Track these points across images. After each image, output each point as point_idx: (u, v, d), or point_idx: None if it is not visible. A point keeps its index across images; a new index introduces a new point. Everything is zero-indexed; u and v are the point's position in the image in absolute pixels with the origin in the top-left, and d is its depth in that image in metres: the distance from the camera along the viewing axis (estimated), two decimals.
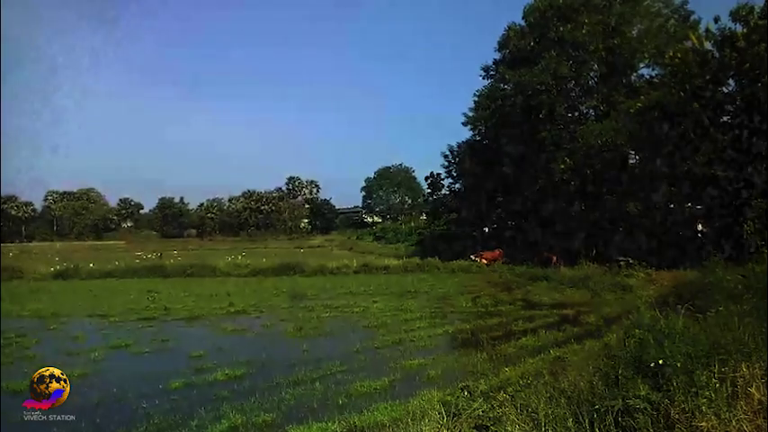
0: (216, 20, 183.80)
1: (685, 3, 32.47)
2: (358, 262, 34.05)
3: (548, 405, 5.02)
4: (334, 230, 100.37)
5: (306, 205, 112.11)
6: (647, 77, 32.70)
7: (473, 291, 22.59)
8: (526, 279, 25.86)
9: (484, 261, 32.93)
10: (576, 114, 35.21)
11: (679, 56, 27.15)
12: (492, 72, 39.13)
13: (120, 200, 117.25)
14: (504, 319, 15.73)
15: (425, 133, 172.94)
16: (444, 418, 5.15)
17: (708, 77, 25.74)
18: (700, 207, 27.90)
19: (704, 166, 25.10)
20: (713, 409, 4.61)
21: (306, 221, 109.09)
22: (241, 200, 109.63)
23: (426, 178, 62.07)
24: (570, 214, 31.93)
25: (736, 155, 24.75)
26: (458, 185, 46.63)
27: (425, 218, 67.80)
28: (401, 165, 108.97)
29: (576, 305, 18.26)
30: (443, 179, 52.17)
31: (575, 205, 32.03)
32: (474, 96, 41.86)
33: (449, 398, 5.63)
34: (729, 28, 25.50)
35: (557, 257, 30.12)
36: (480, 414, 4.97)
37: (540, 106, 32.56)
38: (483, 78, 40.21)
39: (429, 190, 61.30)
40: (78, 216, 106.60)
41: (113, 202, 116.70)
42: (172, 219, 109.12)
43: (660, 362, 4.90)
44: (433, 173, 59.43)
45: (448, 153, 46.17)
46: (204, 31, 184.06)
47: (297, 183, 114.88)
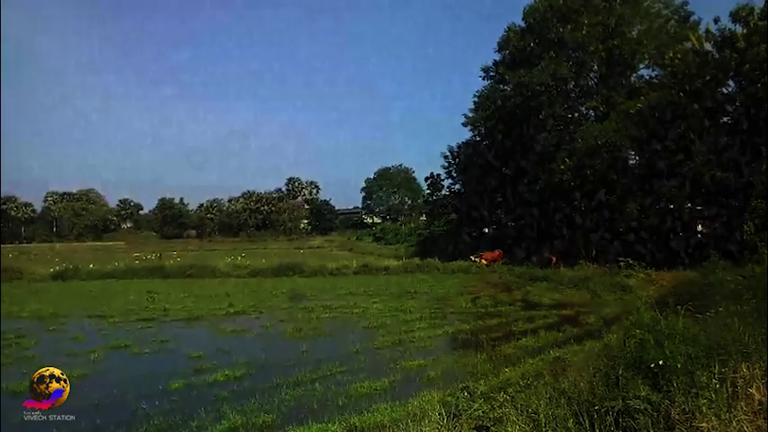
0: (216, 20, 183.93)
1: (685, 3, 32.54)
2: (358, 263, 34.03)
3: (548, 406, 5.02)
4: (333, 231, 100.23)
5: (305, 206, 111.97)
6: (646, 78, 32.77)
7: (473, 291, 22.59)
8: (526, 280, 25.85)
9: (484, 262, 32.91)
10: (576, 115, 35.20)
11: (679, 57, 27.20)
12: (492, 73, 39.10)
13: (120, 201, 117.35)
14: (504, 320, 15.74)
15: (425, 134, 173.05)
16: (444, 418, 5.15)
17: (708, 78, 25.78)
18: (700, 207, 27.92)
19: (704, 166, 25.12)
20: (713, 409, 4.61)
21: (305, 222, 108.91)
22: (241, 200, 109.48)
23: (426, 179, 61.88)
24: (570, 215, 31.91)
25: (735, 155, 24.78)
26: (457, 186, 46.54)
27: (425, 218, 67.63)
28: (401, 165, 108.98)
29: (576, 306, 18.28)
30: (443, 180, 51.93)
31: (574, 206, 32.01)
32: (474, 97, 41.79)
33: (449, 398, 5.64)
34: (729, 29, 25.58)
35: (556, 258, 30.12)
36: (480, 415, 4.97)
37: (540, 107, 32.55)
38: (483, 79, 40.21)
39: (429, 191, 61.03)
40: (78, 217, 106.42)
41: (113, 202, 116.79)
42: (171, 219, 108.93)
43: (660, 362, 4.89)
44: (432, 173, 59.21)
45: (448, 154, 46.02)
46: (204, 31, 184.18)
47: (296, 183, 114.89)
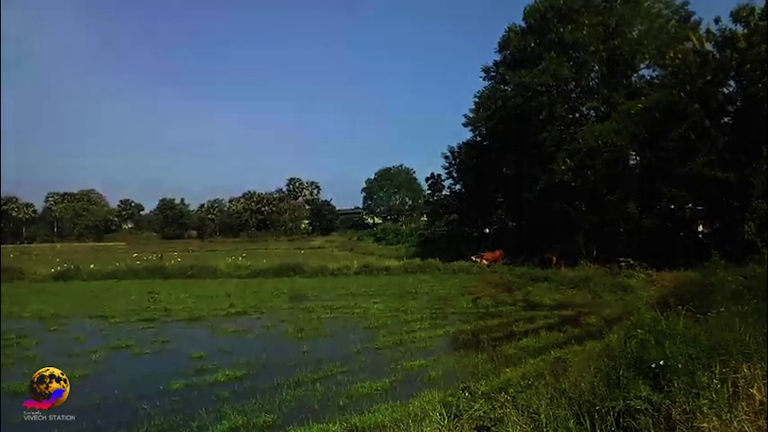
0: (216, 20, 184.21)
1: (686, 4, 32.51)
2: (358, 263, 34.04)
3: (549, 406, 5.02)
4: (334, 231, 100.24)
5: (306, 206, 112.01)
6: (647, 78, 32.74)
7: (474, 291, 22.59)
8: (527, 280, 25.83)
9: (484, 262, 32.91)
10: (577, 115, 35.18)
11: (679, 57, 27.17)
12: (492, 73, 39.16)
13: (121, 201, 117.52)
14: (505, 320, 15.74)
15: (426, 134, 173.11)
16: (445, 418, 5.15)
17: (708, 78, 25.76)
18: (700, 208, 27.90)
19: (705, 166, 25.11)
20: (714, 409, 4.61)
21: (306, 222, 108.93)
22: (241, 201, 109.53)
23: (427, 179, 62.12)
24: (571, 215, 31.91)
25: (736, 156, 24.76)
26: (458, 186, 46.63)
27: (426, 219, 67.76)
28: (402, 166, 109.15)
29: (577, 306, 18.28)
30: (444, 180, 52.19)
31: (575, 206, 32.00)
32: (474, 97, 41.97)
33: (450, 399, 5.64)
34: (730, 29, 25.54)
35: (557, 258, 30.12)
36: (481, 415, 4.97)
37: (541, 107, 32.54)
38: (483, 79, 40.29)
39: (429, 191, 61.29)
40: (79, 217, 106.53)
41: (114, 203, 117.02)
42: (172, 220, 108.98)
43: (661, 363, 4.89)
44: (433, 174, 59.52)
45: (448, 154, 46.18)
46: (205, 30, 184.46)
47: (297, 184, 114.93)
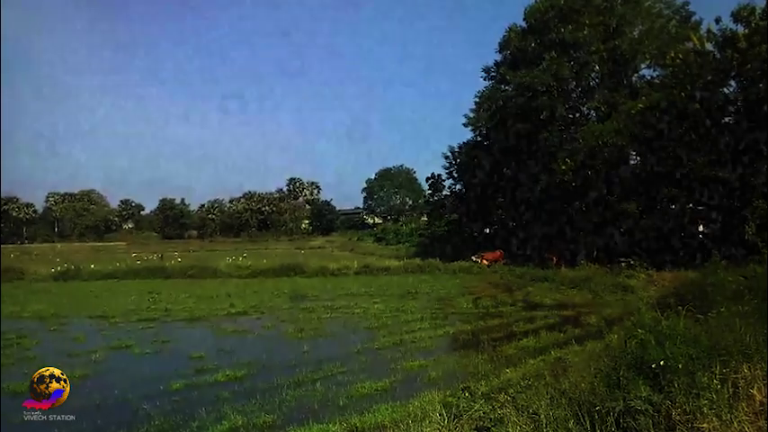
0: (217, 20, 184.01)
1: (686, 4, 32.55)
2: (359, 263, 34.06)
3: (549, 406, 5.02)
4: (334, 232, 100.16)
5: (307, 206, 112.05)
6: (648, 78, 32.76)
7: (474, 292, 22.59)
8: (527, 280, 25.85)
9: (485, 262, 32.92)
10: (578, 115, 35.19)
11: (680, 57, 27.16)
12: (493, 73, 39.16)
13: (121, 201, 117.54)
14: (505, 320, 15.75)
15: (426, 134, 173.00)
16: (445, 419, 5.15)
17: (709, 78, 25.74)
18: (701, 208, 27.87)
19: (705, 166, 25.09)
20: (714, 410, 4.60)
21: (307, 222, 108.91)
22: (242, 201, 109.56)
23: (427, 179, 61.77)
24: (571, 215, 31.89)
25: (736, 156, 24.74)
26: (459, 186, 46.58)
27: (426, 219, 67.65)
28: (402, 166, 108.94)
29: (577, 306, 18.28)
30: (444, 180, 51.91)
31: (576, 206, 31.99)
32: (475, 97, 41.91)
33: (450, 399, 5.62)
34: (731, 29, 25.53)
35: (557, 258, 30.12)
36: (481, 415, 4.97)
37: (541, 107, 32.54)
38: (484, 79, 40.29)
39: (430, 191, 60.95)
40: (79, 217, 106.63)
41: (114, 203, 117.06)
42: (173, 220, 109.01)
43: (661, 363, 4.89)
44: (433, 174, 59.11)
45: (449, 154, 46.10)
46: (205, 30, 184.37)
47: (298, 184, 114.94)
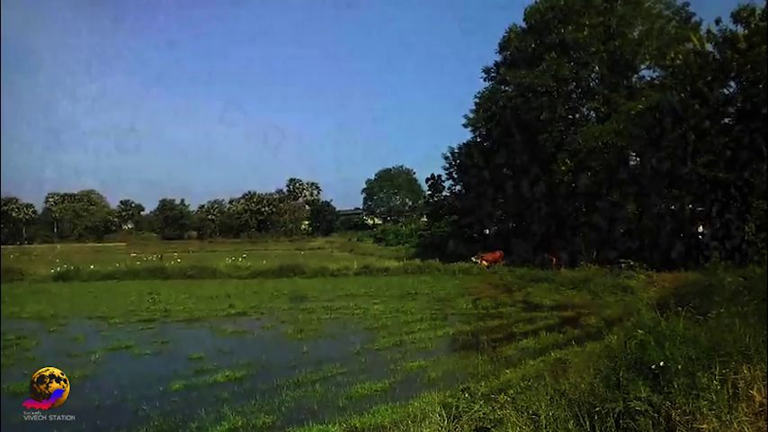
0: (217, 20, 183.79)
1: (686, 4, 32.56)
2: (358, 264, 34.01)
3: (549, 407, 5.02)
4: (334, 232, 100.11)
5: (306, 207, 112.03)
6: (648, 79, 32.77)
7: (473, 292, 22.57)
8: (527, 281, 25.81)
9: (484, 263, 32.89)
10: (577, 116, 35.19)
11: (680, 57, 27.17)
12: (493, 74, 39.18)
13: (121, 201, 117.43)
14: (505, 321, 15.73)
15: (426, 135, 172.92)
16: (445, 420, 5.14)
17: (709, 79, 25.75)
18: (700, 208, 27.87)
19: (705, 167, 25.09)
20: (714, 411, 4.61)
21: (306, 223, 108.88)
22: (241, 201, 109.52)
23: (427, 180, 61.86)
24: (571, 216, 31.90)
25: (736, 156, 24.74)
26: (458, 187, 46.63)
27: (426, 219, 67.67)
28: (402, 166, 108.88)
29: (577, 307, 18.25)
30: (444, 181, 52.00)
31: (575, 207, 32.00)
32: (475, 98, 41.92)
33: (449, 400, 5.62)
34: (730, 29, 25.53)
35: (557, 259, 30.10)
36: (481, 416, 4.97)
37: (541, 108, 32.54)
38: (484, 80, 40.31)
39: (430, 192, 61.04)
40: (79, 218, 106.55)
41: (114, 203, 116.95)
42: (172, 221, 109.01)
43: (661, 364, 4.89)
44: (433, 174, 59.22)
45: (449, 155, 46.13)
46: (205, 30, 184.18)
47: (297, 184, 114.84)
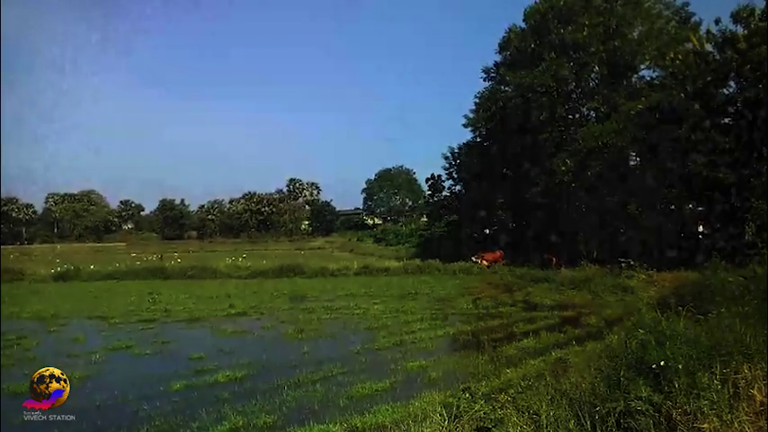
0: (217, 20, 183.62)
1: (686, 4, 32.63)
2: (358, 264, 34.05)
3: (549, 407, 5.02)
4: (334, 232, 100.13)
5: (306, 207, 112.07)
6: (647, 79, 32.78)
7: (474, 292, 22.58)
8: (527, 280, 25.83)
9: (485, 262, 32.91)
10: (577, 116, 35.23)
11: (680, 57, 27.17)
12: (493, 74, 39.22)
13: (121, 201, 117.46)
14: (505, 321, 15.74)
15: (426, 135, 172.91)
16: (446, 419, 5.15)
17: (709, 79, 25.75)
18: (701, 208, 27.88)
19: (705, 167, 25.09)
20: (715, 410, 4.61)
21: (306, 223, 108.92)
22: (241, 202, 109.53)
23: (427, 180, 61.78)
24: (571, 216, 31.91)
25: (736, 156, 24.75)
26: (458, 187, 46.63)
27: (426, 219, 67.70)
28: (402, 166, 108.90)
29: (577, 307, 18.26)
30: (444, 181, 51.94)
31: (575, 206, 32.01)
32: (475, 98, 41.93)
33: (450, 399, 5.62)
34: (730, 30, 25.53)
35: (557, 259, 30.11)
36: (482, 416, 4.97)
37: (541, 108, 32.57)
38: (484, 80, 40.36)
39: (430, 192, 60.96)
40: (79, 218, 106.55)
41: (114, 203, 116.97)
42: (172, 221, 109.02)
43: (662, 363, 4.89)
44: (433, 174, 59.16)
45: (449, 155, 46.12)
46: (205, 31, 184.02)
47: (297, 184, 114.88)
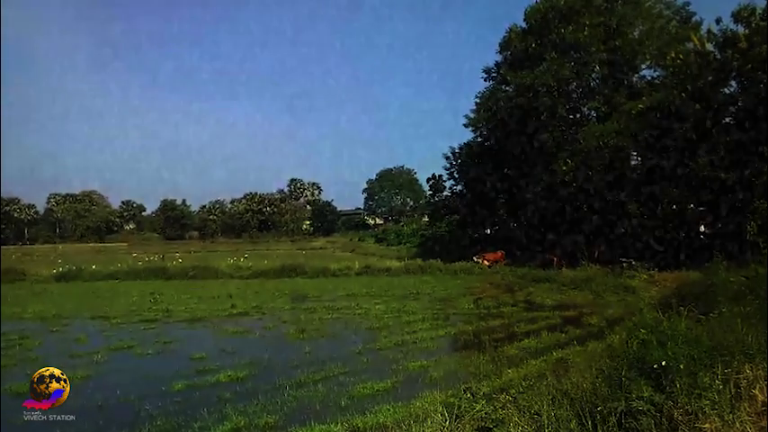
0: (218, 20, 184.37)
1: (687, 4, 32.57)
2: (360, 264, 34.03)
3: (550, 407, 5.02)
4: (335, 232, 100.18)
5: (308, 207, 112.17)
6: (648, 79, 32.72)
7: (475, 292, 22.55)
8: (528, 280, 25.81)
9: (486, 262, 32.88)
10: (578, 116, 35.16)
11: (681, 57, 27.13)
12: (493, 74, 39.15)
13: (123, 202, 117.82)
14: (507, 321, 15.73)
15: (427, 135, 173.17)
16: (447, 419, 5.15)
17: (709, 79, 25.72)
18: (702, 208, 27.84)
19: (706, 167, 25.06)
20: (716, 410, 4.61)
21: (308, 223, 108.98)
22: (243, 202, 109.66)
23: (428, 180, 62.09)
24: (572, 216, 31.87)
25: (737, 156, 24.72)
26: (459, 187, 46.54)
27: (427, 219, 67.74)
28: (403, 166, 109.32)
29: (579, 307, 18.24)
30: (445, 181, 51.95)
31: (576, 206, 31.96)
32: (475, 98, 41.87)
33: (451, 399, 5.62)
34: (731, 29, 25.50)
35: (558, 259, 30.08)
36: (483, 416, 4.97)
37: (542, 108, 32.52)
38: (484, 80, 40.26)
39: (431, 192, 61.14)
40: (80, 218, 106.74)
41: (115, 204, 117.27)
42: (174, 221, 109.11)
43: (663, 363, 4.89)
44: (434, 174, 59.38)
45: (449, 155, 46.04)
46: (206, 31, 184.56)
47: (299, 184, 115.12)
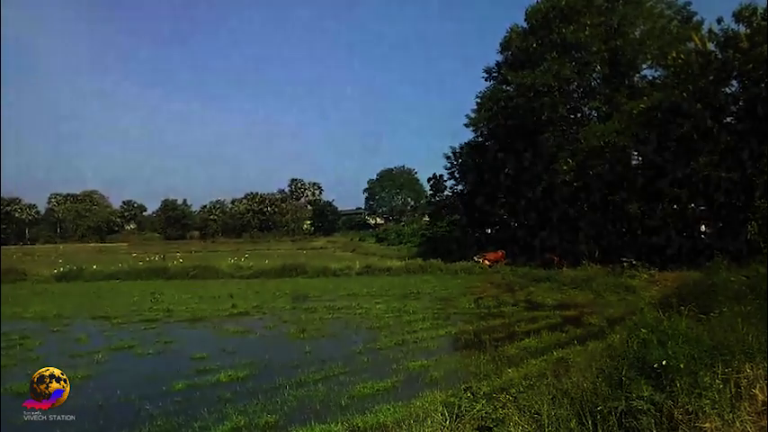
0: (218, 20, 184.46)
1: (688, 4, 32.55)
2: (360, 263, 34.05)
3: (551, 406, 5.01)
4: (336, 232, 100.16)
5: (308, 207, 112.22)
6: (649, 78, 32.72)
7: (476, 292, 22.55)
8: (529, 280, 25.80)
9: (486, 262, 32.88)
10: (579, 116, 35.16)
11: (682, 57, 27.11)
12: (494, 74, 39.18)
13: (124, 202, 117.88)
14: (507, 321, 15.73)
15: (428, 134, 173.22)
16: (447, 419, 5.15)
17: (711, 78, 25.70)
18: (703, 208, 27.83)
19: (707, 166, 25.04)
20: (717, 409, 4.60)
21: (308, 223, 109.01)
22: (244, 202, 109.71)
23: (429, 180, 62.05)
24: (573, 215, 31.86)
25: (738, 155, 24.70)
26: (460, 187, 46.57)
27: (428, 219, 67.72)
28: (403, 166, 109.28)
29: (579, 306, 18.25)
30: (446, 181, 51.97)
31: (577, 206, 31.96)
32: (476, 98, 41.88)
33: (452, 399, 5.62)
34: (732, 29, 25.48)
35: (559, 258, 30.07)
36: (483, 415, 4.97)
37: (543, 108, 32.52)
38: (485, 80, 40.30)
39: (431, 191, 61.14)
40: (81, 218, 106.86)
41: (116, 204, 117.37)
42: (175, 221, 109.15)
43: (663, 363, 4.88)
44: (435, 174, 59.34)
45: (450, 155, 46.09)
46: (207, 31, 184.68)
47: (299, 184, 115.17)
